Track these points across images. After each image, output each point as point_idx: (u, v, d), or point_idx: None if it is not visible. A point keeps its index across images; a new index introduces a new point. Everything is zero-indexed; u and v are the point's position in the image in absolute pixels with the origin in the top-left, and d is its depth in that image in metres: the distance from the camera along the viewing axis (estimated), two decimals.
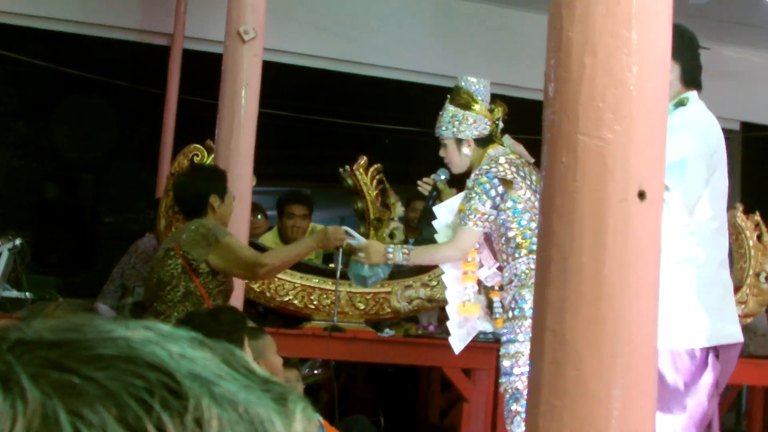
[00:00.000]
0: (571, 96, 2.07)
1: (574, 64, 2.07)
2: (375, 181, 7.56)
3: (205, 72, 7.39)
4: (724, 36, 10.77)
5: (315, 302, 6.80)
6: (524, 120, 5.56)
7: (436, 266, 7.14)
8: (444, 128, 5.27)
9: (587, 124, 2.03)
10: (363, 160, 7.51)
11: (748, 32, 10.73)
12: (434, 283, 7.02)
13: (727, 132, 12.13)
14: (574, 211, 2.01)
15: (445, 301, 7.21)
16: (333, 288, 6.76)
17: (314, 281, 6.83)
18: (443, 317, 7.86)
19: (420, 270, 7.14)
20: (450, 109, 5.28)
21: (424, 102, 11.01)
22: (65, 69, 9.86)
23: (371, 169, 7.54)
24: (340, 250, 6.83)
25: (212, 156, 6.01)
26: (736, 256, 8.15)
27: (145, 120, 10.08)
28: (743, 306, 7.93)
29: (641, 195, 2.02)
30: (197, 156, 6.32)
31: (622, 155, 2.03)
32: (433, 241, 5.35)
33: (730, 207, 8.59)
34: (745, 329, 8.78)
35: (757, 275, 7.95)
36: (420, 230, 7.78)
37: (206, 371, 0.65)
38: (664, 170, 2.12)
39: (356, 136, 10.54)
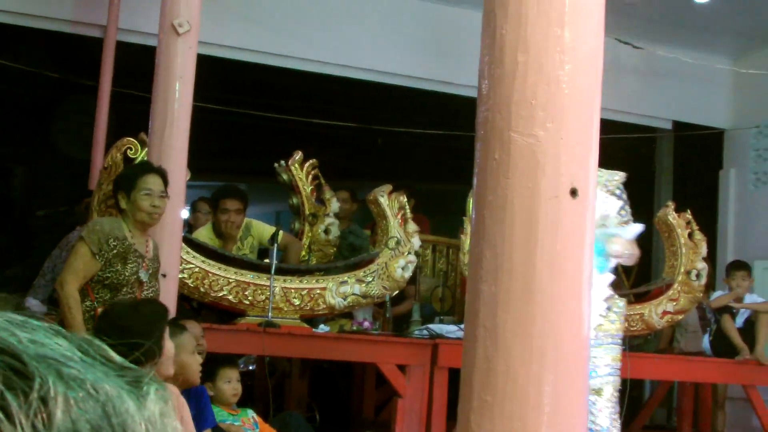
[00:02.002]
0: (504, 94, 2.07)
1: (507, 62, 2.07)
2: (310, 177, 7.54)
3: (139, 64, 7.31)
4: (657, 36, 10.89)
5: (250, 298, 6.76)
6: (459, 116, 5.59)
7: (371, 261, 7.15)
8: None
9: (519, 121, 2.03)
10: (298, 155, 7.49)
11: (680, 32, 10.86)
12: (369, 278, 7.02)
13: (659, 131, 12.34)
14: (505, 208, 2.02)
15: (380, 297, 7.24)
16: (268, 284, 6.73)
17: (249, 277, 6.79)
18: (378, 313, 7.88)
19: (355, 266, 7.14)
20: None
21: (361, 97, 11.02)
22: None
23: (306, 165, 7.52)
24: (275, 245, 6.81)
25: (146, 150, 5.96)
26: (667, 253, 8.25)
27: (78, 112, 9.95)
28: (675, 303, 8.03)
29: (573, 192, 2.03)
30: (130, 149, 6.25)
31: (554, 153, 2.04)
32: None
33: (662, 205, 8.71)
34: (677, 326, 8.93)
35: (688, 273, 8.04)
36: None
37: (56, 354, 0.66)
38: (596, 168, 2.13)
39: (292, 131, 10.50)
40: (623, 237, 4.93)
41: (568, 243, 2.03)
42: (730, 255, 10.85)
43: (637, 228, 4.92)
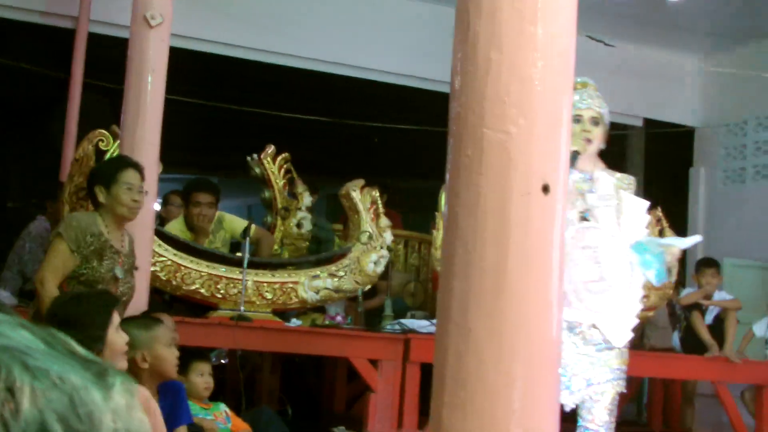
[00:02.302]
0: (477, 90, 2.08)
1: (480, 59, 2.08)
2: (283, 171, 7.54)
3: (111, 56, 7.28)
4: (629, 34, 10.95)
5: (222, 291, 6.76)
6: (432, 112, 5.60)
7: (343, 256, 7.15)
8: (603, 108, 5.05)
9: (492, 118, 2.04)
10: (271, 149, 7.48)
11: (651, 31, 10.92)
12: (342, 273, 7.03)
13: (630, 128, 12.39)
14: (477, 204, 2.03)
15: (352, 291, 7.24)
16: (240, 277, 6.73)
17: (221, 270, 6.78)
18: (350, 307, 7.89)
19: (327, 260, 7.14)
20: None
21: (334, 92, 11.02)
22: None
23: (279, 158, 7.52)
24: (248, 239, 6.80)
25: (117, 142, 5.94)
26: None
27: (50, 104, 9.90)
28: (645, 300, 8.06)
29: (545, 189, 2.04)
30: (102, 141, 6.23)
31: (526, 149, 2.05)
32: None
33: None
34: (647, 322, 8.98)
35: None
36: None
37: (20, 345, 0.67)
38: (567, 164, 2.15)
39: (265, 124, 10.49)
40: (679, 246, 4.84)
41: (540, 239, 2.05)
42: (699, 252, 10.92)
43: (696, 238, 4.97)
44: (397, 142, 11.72)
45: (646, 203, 4.87)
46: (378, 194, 7.34)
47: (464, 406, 1.96)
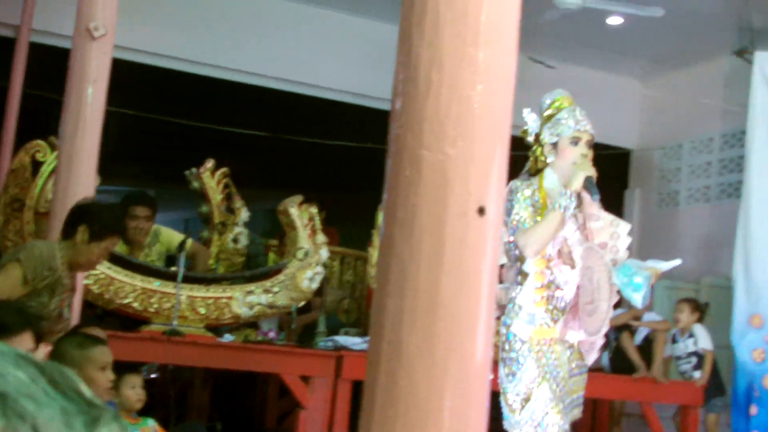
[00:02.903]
0: (417, 111, 2.09)
1: (421, 81, 2.10)
2: (221, 185, 7.52)
3: (52, 67, 7.22)
4: (570, 56, 11.07)
5: (155, 305, 6.71)
6: (371, 128, 5.61)
7: (278, 272, 7.14)
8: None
9: (431, 139, 2.06)
10: (210, 163, 7.46)
11: (592, 53, 11.05)
12: (276, 289, 7.02)
13: None
14: (414, 224, 2.04)
15: (286, 308, 7.23)
16: (174, 292, 6.69)
17: (155, 284, 6.74)
18: (284, 323, 7.87)
19: (262, 276, 7.13)
20: None
21: (274, 107, 11.00)
22: None
23: (218, 173, 7.50)
24: (183, 253, 6.76)
25: (55, 153, 5.89)
26: None
27: None
28: None
29: (480, 211, 2.05)
30: (39, 152, 6.17)
31: (464, 171, 2.06)
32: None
33: None
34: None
35: None
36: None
37: (9, 387, 0.66)
38: (504, 187, 2.17)
39: (204, 138, 10.45)
40: (661, 269, 4.89)
41: (474, 261, 2.06)
42: None
43: (676, 262, 4.98)
44: (337, 158, 11.72)
45: (629, 225, 4.96)
46: (316, 211, 7.35)
47: (394, 423, 1.97)
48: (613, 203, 12.08)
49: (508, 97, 2.21)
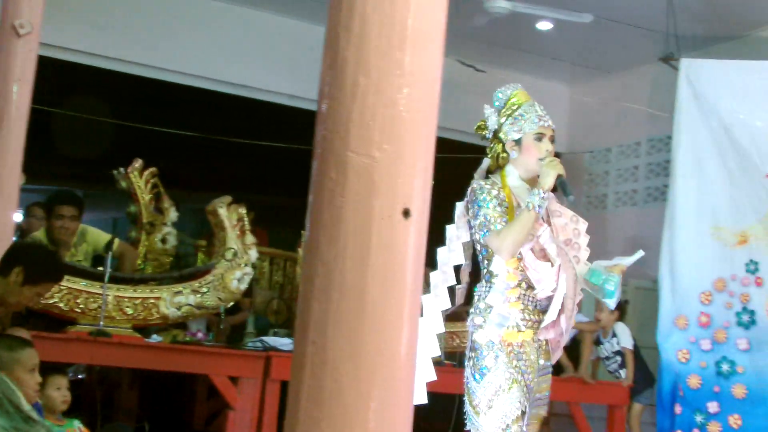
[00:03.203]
0: (343, 114, 2.10)
1: (348, 84, 2.11)
2: (149, 185, 7.46)
3: None
4: (500, 60, 11.14)
5: (81, 306, 6.64)
6: (300, 130, 5.60)
7: (207, 272, 7.10)
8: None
9: (357, 142, 2.07)
10: (138, 162, 7.40)
11: (521, 57, 11.13)
12: (205, 289, 6.98)
13: None
14: (339, 227, 2.05)
15: (215, 308, 7.19)
16: (101, 292, 6.63)
17: (81, 284, 6.66)
18: (213, 324, 7.83)
19: (190, 276, 7.09)
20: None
21: (203, 107, 10.94)
22: None
23: (146, 173, 7.44)
24: (110, 253, 6.70)
25: None
26: None
27: None
28: None
29: (406, 213, 2.07)
30: None
31: (389, 174, 2.08)
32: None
33: None
34: None
35: None
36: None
37: None
38: (429, 190, 2.18)
39: (132, 137, 10.36)
40: (625, 264, 4.88)
41: (400, 262, 2.08)
42: None
43: (639, 254, 4.95)
44: (266, 159, 11.69)
45: (586, 223, 4.90)
46: (245, 211, 7.32)
47: (319, 425, 1.98)
48: None
49: (434, 100, 2.22)
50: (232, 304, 7.38)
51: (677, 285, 8.49)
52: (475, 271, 4.82)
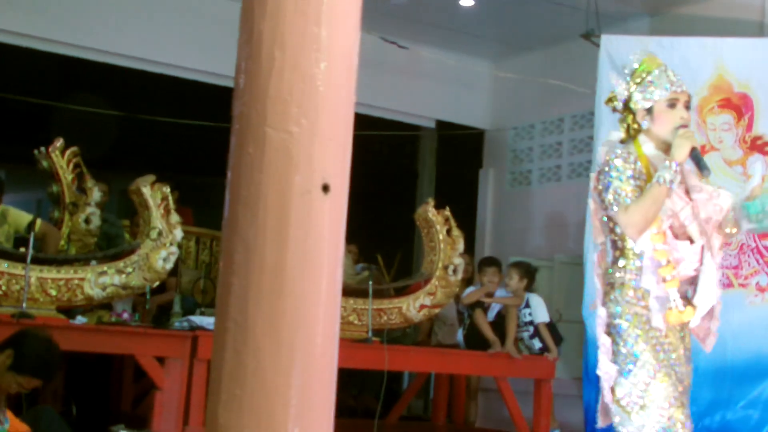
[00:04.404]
0: (260, 89, 2.09)
1: (264, 59, 2.09)
2: (72, 165, 7.37)
3: None
4: (423, 37, 11.16)
5: (3, 288, 6.56)
6: (222, 108, 5.55)
7: (132, 252, 7.03)
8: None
9: (274, 117, 2.06)
10: (59, 142, 7.31)
11: (444, 34, 11.16)
12: (130, 270, 6.92)
13: (422, 129, 12.63)
14: (258, 203, 2.04)
15: (140, 288, 7.13)
16: (23, 273, 6.54)
17: (3, 266, 6.57)
18: (138, 304, 7.77)
19: (115, 256, 7.02)
20: None
21: (126, 86, 10.82)
22: None
23: (68, 152, 7.34)
24: (32, 234, 6.60)
25: None
26: (427, 249, 8.47)
27: None
28: (432, 297, 8.25)
29: (325, 188, 2.07)
30: None
31: (307, 149, 2.07)
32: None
33: (422, 202, 8.94)
34: (435, 319, 9.17)
35: (446, 268, 8.28)
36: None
37: None
38: (348, 165, 2.18)
39: (54, 117, 10.22)
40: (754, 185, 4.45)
41: (320, 238, 2.07)
42: (487, 251, 11.24)
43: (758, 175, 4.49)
44: (190, 137, 11.60)
45: (730, 197, 4.47)
46: (169, 190, 7.26)
47: (241, 402, 1.97)
48: (468, 183, 12.28)
49: (351, 75, 2.22)
50: (158, 284, 7.33)
51: None
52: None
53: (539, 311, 8.81)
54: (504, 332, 8.56)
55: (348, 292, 7.80)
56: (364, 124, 10.12)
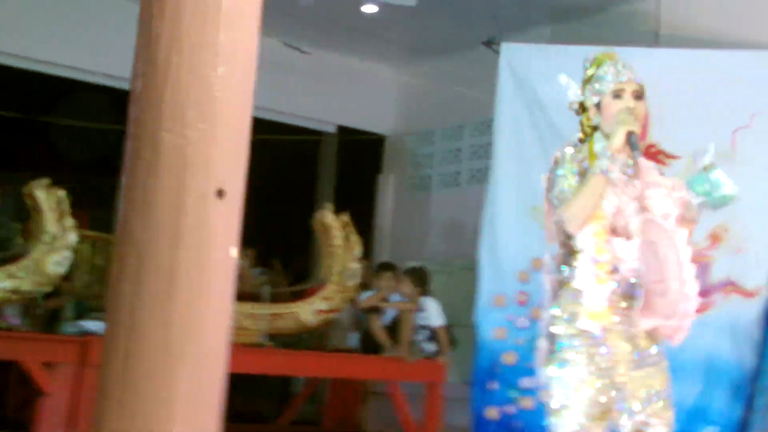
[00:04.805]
0: (157, 93, 2.07)
1: (161, 62, 2.07)
2: None
3: None
4: (326, 42, 11.15)
5: None
6: (120, 110, 5.48)
7: (23, 256, 6.90)
8: None
9: (170, 121, 2.04)
10: None
11: (348, 40, 11.16)
12: (22, 274, 6.79)
13: (324, 134, 12.61)
14: (152, 207, 2.02)
15: (32, 293, 6.99)
16: None
17: None
18: (30, 309, 7.62)
19: (5, 261, 6.89)
20: None
21: (23, 87, 10.61)
22: None
23: None
24: None
25: None
26: (324, 254, 8.46)
27: None
28: (329, 302, 8.24)
29: (220, 193, 2.05)
30: None
31: (203, 153, 2.05)
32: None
33: (321, 207, 8.93)
34: (332, 324, 9.16)
35: (343, 273, 8.30)
36: None
37: None
38: (244, 170, 2.17)
39: None
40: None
41: (214, 243, 2.06)
42: (386, 257, 11.25)
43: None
44: (87, 140, 11.42)
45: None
46: (64, 194, 7.15)
47: (127, 408, 1.95)
48: (368, 188, 12.30)
49: (249, 79, 2.21)
50: (50, 288, 7.20)
51: (496, 264, 8.65)
52: None
53: (434, 315, 8.88)
54: (399, 337, 8.60)
55: (244, 296, 7.75)
56: (264, 128, 10.10)
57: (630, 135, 4.11)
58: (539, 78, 8.71)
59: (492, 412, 8.32)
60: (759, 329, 7.56)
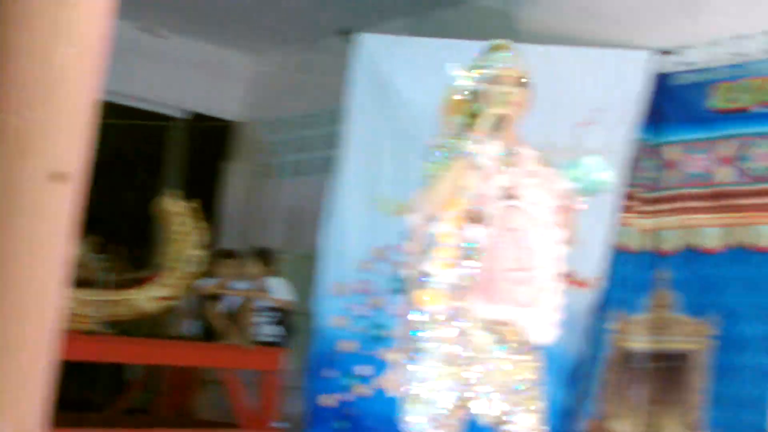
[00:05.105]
0: None
1: (2, 40, 2.01)
2: None
3: None
4: (180, 26, 11.04)
5: None
6: None
7: None
8: None
9: (8, 101, 1.98)
10: None
11: (203, 24, 11.04)
12: None
13: (173, 119, 12.42)
14: None
15: None
16: None
17: None
18: None
19: None
20: None
21: None
22: None
23: None
24: None
25: None
26: (165, 240, 8.35)
27: None
28: (168, 289, 8.15)
29: (60, 177, 2.00)
30: None
31: (43, 136, 2.00)
32: None
33: (167, 193, 8.80)
34: (172, 311, 9.05)
35: (183, 260, 8.21)
36: None
37: None
38: (87, 153, 2.12)
39: None
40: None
41: (52, 229, 2.01)
42: (230, 244, 11.16)
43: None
44: None
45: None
46: None
47: None
48: (217, 175, 12.18)
49: (97, 62, 2.15)
50: None
51: (338, 253, 8.66)
52: None
53: (281, 291, 8.86)
54: (239, 324, 8.56)
55: (82, 282, 7.59)
56: (113, 112, 9.87)
57: (498, 119, 4.09)
58: (396, 70, 8.73)
59: (329, 400, 8.32)
60: (590, 319, 7.72)
